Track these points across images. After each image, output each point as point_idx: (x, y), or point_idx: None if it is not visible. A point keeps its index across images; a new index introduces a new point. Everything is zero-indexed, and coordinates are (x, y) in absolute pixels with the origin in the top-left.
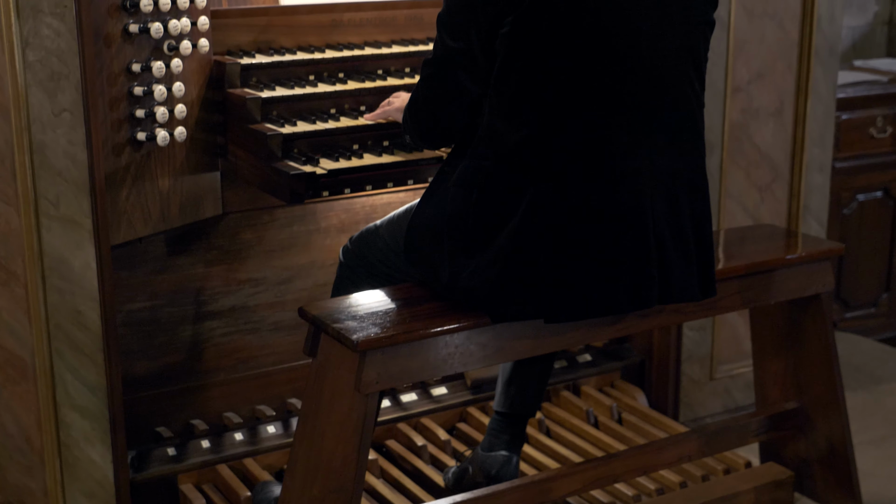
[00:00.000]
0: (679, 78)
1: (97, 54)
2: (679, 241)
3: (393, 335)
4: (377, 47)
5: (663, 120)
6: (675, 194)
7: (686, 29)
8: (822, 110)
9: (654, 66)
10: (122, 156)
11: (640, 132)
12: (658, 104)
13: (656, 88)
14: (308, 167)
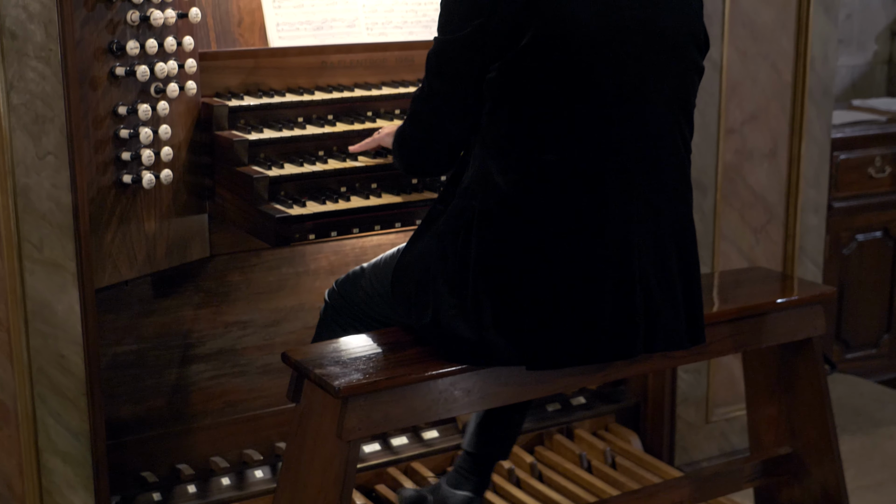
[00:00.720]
0: (668, 125)
1: (83, 97)
2: (666, 289)
3: (375, 381)
4: (367, 89)
5: (652, 167)
6: (663, 241)
7: (676, 76)
8: (816, 151)
9: (643, 112)
10: (107, 199)
11: (629, 179)
12: (647, 151)
13: (645, 135)
14: (294, 210)
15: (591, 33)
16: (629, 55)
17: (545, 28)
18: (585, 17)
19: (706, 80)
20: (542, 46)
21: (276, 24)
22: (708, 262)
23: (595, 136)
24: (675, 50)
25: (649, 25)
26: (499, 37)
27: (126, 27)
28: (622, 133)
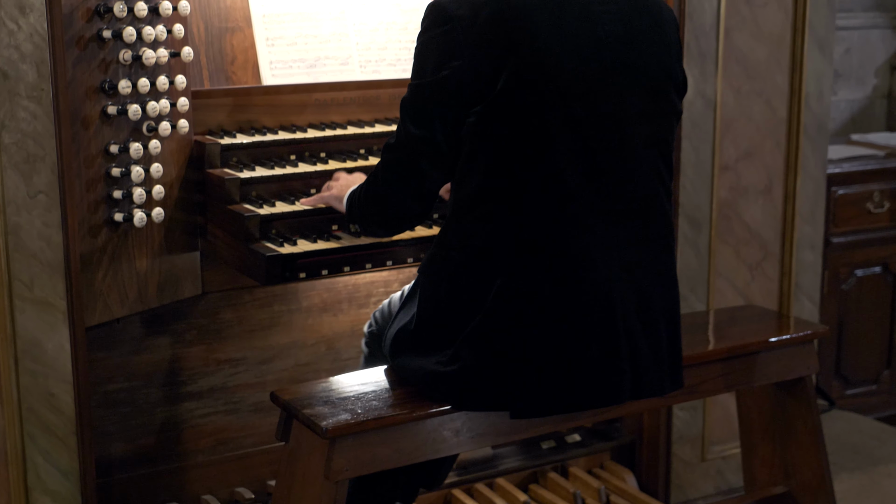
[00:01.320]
0: (648, 169)
1: (74, 136)
2: (650, 334)
3: (363, 422)
4: (360, 126)
5: (631, 211)
6: (646, 286)
7: (654, 119)
8: (812, 188)
9: (622, 156)
10: (98, 237)
11: (608, 224)
12: (626, 195)
13: (624, 179)
14: (285, 249)
15: (571, 76)
16: (609, 98)
17: (526, 70)
18: (565, 59)
19: (700, 117)
20: (523, 89)
21: (270, 63)
22: (703, 299)
23: (575, 182)
24: (654, 93)
25: (629, 68)
26: (478, 79)
27: (118, 66)
28: (602, 178)
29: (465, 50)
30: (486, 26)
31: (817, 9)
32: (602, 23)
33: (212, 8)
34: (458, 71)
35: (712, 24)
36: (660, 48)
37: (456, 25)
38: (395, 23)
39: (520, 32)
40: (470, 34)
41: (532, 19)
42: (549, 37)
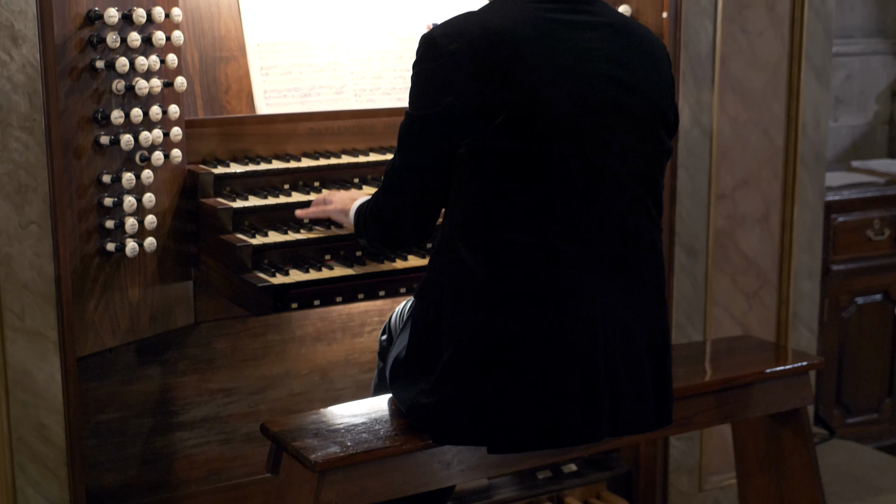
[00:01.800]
0: (637, 206)
1: (67, 167)
2: (634, 371)
3: (352, 454)
4: (354, 155)
5: (619, 249)
6: (631, 324)
7: (644, 157)
8: (809, 216)
9: (610, 194)
10: (90, 267)
11: (597, 261)
12: (614, 233)
13: (612, 216)
14: (277, 279)
15: (561, 114)
16: (599, 136)
17: (518, 108)
18: (556, 97)
19: (696, 146)
20: (513, 124)
21: (264, 92)
22: (699, 328)
23: (563, 218)
24: (644, 131)
25: (619, 107)
26: (470, 115)
27: (112, 96)
28: (590, 214)
29: (457, 86)
30: (477, 64)
31: (814, 37)
32: (594, 61)
33: (206, 37)
34: (449, 107)
35: (708, 53)
36: (651, 87)
37: (448, 61)
38: (390, 51)
39: (511, 69)
40: (461, 70)
41: (524, 56)
42: (540, 75)
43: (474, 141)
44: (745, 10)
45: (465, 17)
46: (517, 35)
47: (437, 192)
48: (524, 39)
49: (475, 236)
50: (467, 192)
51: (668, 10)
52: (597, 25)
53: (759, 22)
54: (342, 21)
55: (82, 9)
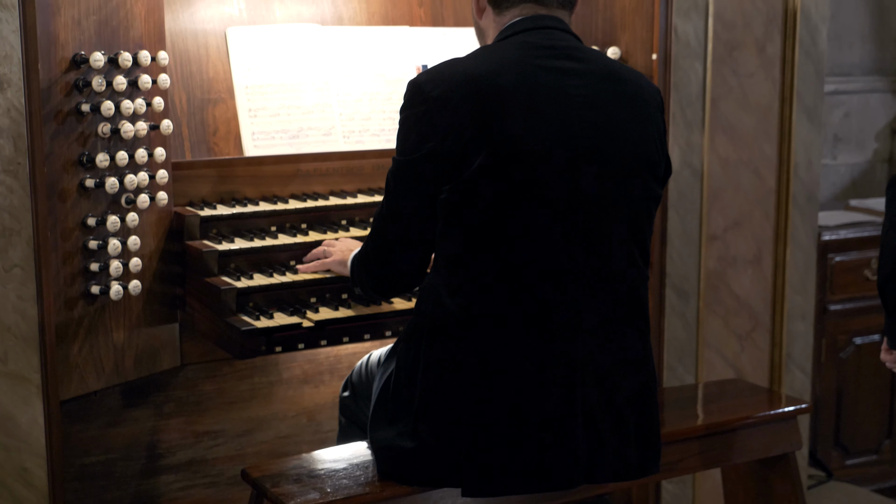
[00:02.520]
0: (621, 254)
1: (51, 210)
2: (614, 419)
3: (331, 502)
4: (342, 197)
5: (600, 294)
6: (612, 372)
7: (630, 205)
8: (802, 258)
9: (593, 240)
10: (74, 310)
11: (574, 306)
12: (595, 277)
13: (593, 261)
14: (261, 322)
15: (542, 158)
16: (580, 181)
17: (497, 152)
18: (536, 142)
19: (687, 187)
20: (494, 170)
21: (252, 133)
22: (691, 370)
23: (543, 264)
24: (628, 178)
25: (603, 153)
26: (452, 159)
27: (97, 139)
28: (571, 258)
29: (439, 131)
30: (460, 108)
31: (805, 78)
32: (576, 107)
33: (194, 80)
34: (432, 152)
35: (698, 95)
36: (637, 133)
37: (431, 106)
38: (378, 93)
39: (492, 113)
40: (444, 115)
41: (505, 101)
42: (520, 119)
43: (456, 184)
44: (735, 51)
45: (451, 63)
46: (500, 80)
47: (424, 237)
48: (506, 84)
49: (456, 279)
50: (449, 236)
51: (657, 52)
52: (582, 72)
53: (749, 63)
54: (331, 63)
55: (68, 53)
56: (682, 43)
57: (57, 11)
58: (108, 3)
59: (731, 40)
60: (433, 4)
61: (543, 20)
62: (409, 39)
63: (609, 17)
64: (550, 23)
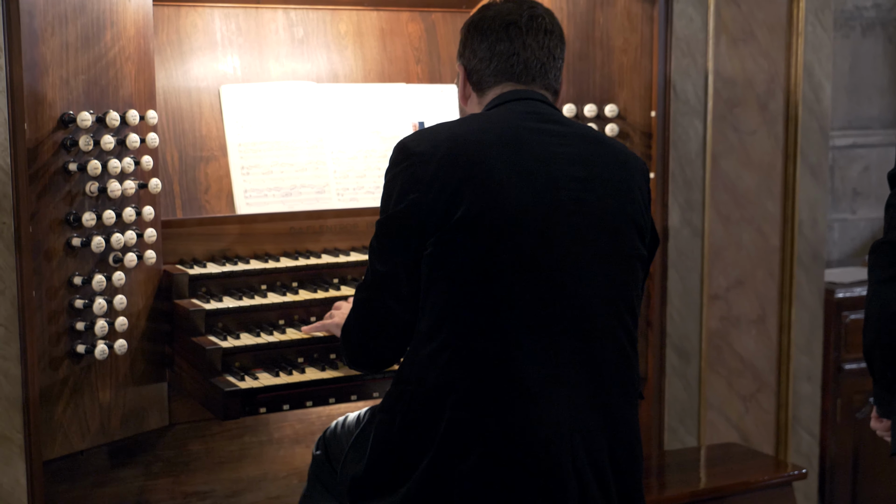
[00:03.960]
0: (608, 316)
1: (37, 269)
2: (598, 481)
3: None
4: (335, 255)
5: (584, 354)
6: (594, 432)
7: (616, 264)
8: (807, 317)
9: (577, 296)
10: (59, 369)
11: (558, 366)
12: (579, 337)
13: (580, 321)
14: (245, 383)
15: (524, 214)
16: (564, 238)
17: (479, 203)
18: (518, 197)
19: (687, 246)
20: (475, 221)
21: (244, 191)
22: (693, 431)
23: (525, 321)
24: (613, 236)
25: (587, 208)
26: (434, 212)
27: (85, 198)
28: (554, 316)
29: (422, 184)
30: (443, 162)
31: (809, 135)
32: (559, 163)
33: (187, 137)
34: (414, 204)
35: (698, 152)
36: (622, 193)
37: (415, 161)
38: (374, 150)
39: (475, 169)
40: (427, 169)
41: (488, 157)
42: (503, 174)
43: (437, 239)
44: (736, 108)
45: (438, 125)
46: (483, 137)
47: (410, 299)
48: (489, 142)
49: (438, 340)
50: (432, 295)
51: (655, 110)
52: (566, 134)
53: (751, 120)
54: (326, 120)
55: (56, 112)
56: (681, 100)
57: (45, 71)
58: (98, 62)
59: (732, 98)
60: (430, 62)
61: (526, 93)
62: (406, 96)
63: (607, 74)
64: (534, 96)
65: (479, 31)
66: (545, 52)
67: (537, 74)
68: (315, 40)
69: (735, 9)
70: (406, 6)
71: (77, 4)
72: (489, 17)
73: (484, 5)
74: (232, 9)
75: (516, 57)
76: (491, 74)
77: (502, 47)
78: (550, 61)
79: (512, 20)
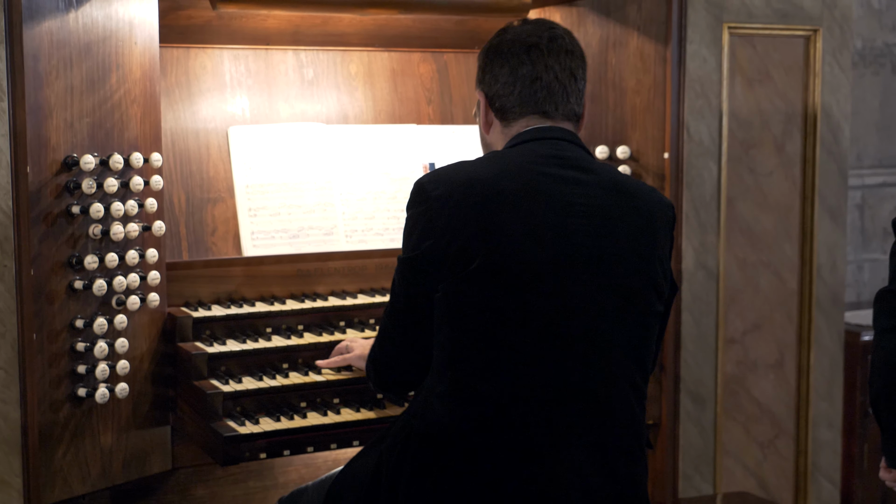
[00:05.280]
0: (618, 370)
1: (38, 312)
2: None
3: None
4: (342, 297)
5: (592, 412)
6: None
7: (627, 318)
8: (827, 362)
9: (587, 351)
10: (60, 412)
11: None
12: (588, 395)
13: (588, 377)
14: (245, 428)
15: (538, 267)
16: (578, 292)
17: (493, 257)
18: (535, 250)
19: (702, 289)
20: (487, 273)
21: (251, 233)
22: (709, 479)
23: (533, 374)
24: (631, 296)
25: (603, 267)
26: (448, 260)
27: (88, 240)
28: (564, 373)
29: (437, 231)
30: (458, 209)
31: (827, 177)
32: (576, 215)
33: (194, 179)
34: (430, 250)
35: (713, 194)
36: (641, 247)
37: (432, 205)
38: (383, 192)
39: (489, 218)
40: (442, 215)
41: (503, 206)
42: (518, 228)
43: (449, 286)
44: (752, 150)
45: (456, 165)
46: (500, 185)
47: (425, 337)
48: (506, 190)
49: (446, 382)
50: (442, 337)
51: (669, 151)
52: (586, 182)
53: (767, 162)
54: (334, 162)
55: (60, 155)
56: (694, 142)
57: (49, 114)
58: (103, 105)
59: (747, 139)
60: (442, 102)
61: (551, 131)
62: (416, 137)
63: (619, 115)
64: (558, 133)
65: (499, 54)
66: (567, 74)
67: (560, 100)
68: (325, 81)
69: (750, 49)
70: (418, 47)
71: (83, 47)
72: (508, 40)
73: (501, 30)
74: (241, 50)
75: (539, 81)
76: (515, 103)
77: (525, 71)
78: (572, 83)
79: (533, 42)
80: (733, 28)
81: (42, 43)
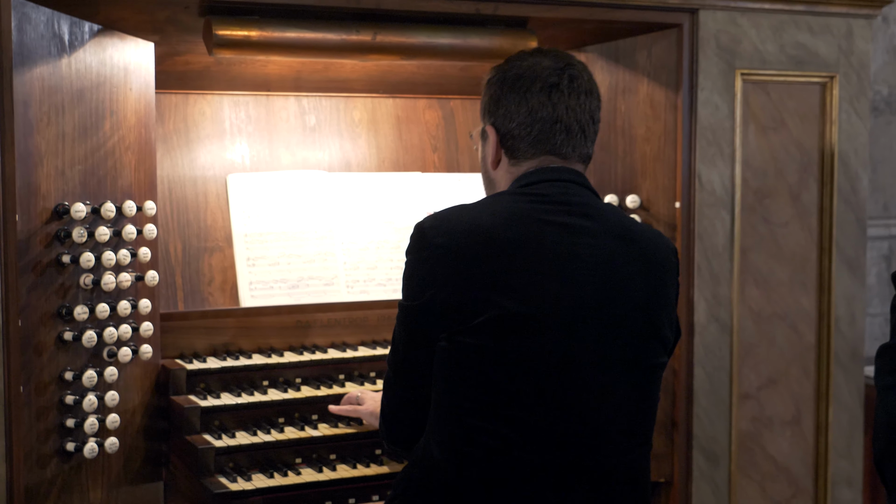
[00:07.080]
0: (619, 423)
1: (25, 364)
2: None
3: None
4: (342, 350)
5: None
6: None
7: (632, 371)
8: (847, 419)
9: (589, 405)
10: (47, 467)
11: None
12: (589, 448)
13: (589, 432)
14: (237, 485)
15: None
16: (582, 345)
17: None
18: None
19: (714, 342)
20: (492, 326)
21: (249, 283)
22: None
23: (533, 426)
24: (636, 349)
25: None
26: (451, 310)
27: (79, 291)
28: (565, 427)
29: (439, 281)
30: (460, 260)
31: (845, 227)
32: (583, 267)
33: (191, 228)
34: (431, 300)
35: (725, 245)
36: (647, 298)
37: (433, 254)
38: (386, 241)
39: (494, 271)
40: (444, 265)
41: (508, 258)
42: (524, 279)
43: (451, 335)
44: (766, 199)
45: (458, 210)
46: (505, 235)
47: (427, 386)
48: (511, 240)
49: (446, 431)
50: (440, 383)
51: (680, 200)
52: (594, 231)
53: (782, 212)
54: (336, 210)
55: (50, 203)
56: (706, 191)
57: (40, 162)
58: (96, 152)
59: (761, 188)
60: (447, 150)
61: (560, 173)
62: (421, 185)
63: (629, 163)
64: (567, 176)
65: (515, 90)
66: (587, 116)
67: (577, 143)
68: (328, 128)
69: (764, 97)
70: (423, 93)
71: (75, 93)
72: (526, 76)
73: (513, 58)
74: (242, 96)
75: (559, 124)
76: (529, 144)
77: (545, 113)
78: (590, 125)
79: (553, 83)
80: (746, 75)
81: (33, 89)
